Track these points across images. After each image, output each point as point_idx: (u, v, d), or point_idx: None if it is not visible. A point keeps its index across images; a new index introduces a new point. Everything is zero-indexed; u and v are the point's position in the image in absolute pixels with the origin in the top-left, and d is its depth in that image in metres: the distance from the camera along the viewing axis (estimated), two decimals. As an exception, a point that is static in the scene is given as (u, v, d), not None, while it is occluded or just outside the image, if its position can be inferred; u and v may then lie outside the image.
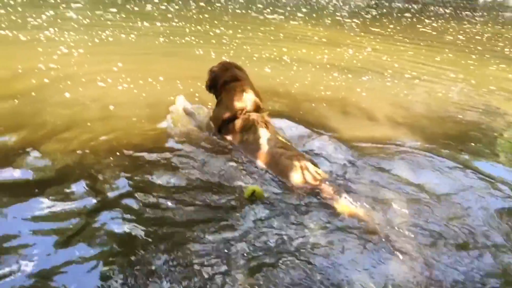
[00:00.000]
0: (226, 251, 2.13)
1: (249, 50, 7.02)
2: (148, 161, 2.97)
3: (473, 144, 4.07)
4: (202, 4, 12.76)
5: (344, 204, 2.54)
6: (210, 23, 9.40)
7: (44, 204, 2.40)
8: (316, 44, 8.55)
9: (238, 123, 3.17)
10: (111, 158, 2.96)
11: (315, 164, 2.89)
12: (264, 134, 3.04)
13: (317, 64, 6.68)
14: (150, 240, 2.18)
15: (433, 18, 16.77)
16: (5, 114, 3.56)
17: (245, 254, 2.12)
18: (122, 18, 8.84)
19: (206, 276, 1.97)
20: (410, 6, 21.34)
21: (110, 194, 2.56)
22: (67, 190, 2.55)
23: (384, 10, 18.56)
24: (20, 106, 3.78)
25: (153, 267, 2.00)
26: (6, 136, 3.16)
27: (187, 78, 4.82)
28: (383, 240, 2.32)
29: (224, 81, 3.37)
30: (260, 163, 2.96)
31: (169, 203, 2.50)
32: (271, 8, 13.75)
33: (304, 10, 14.69)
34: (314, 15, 14.01)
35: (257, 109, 3.25)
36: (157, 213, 2.43)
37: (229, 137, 3.26)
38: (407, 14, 17.35)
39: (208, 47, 6.83)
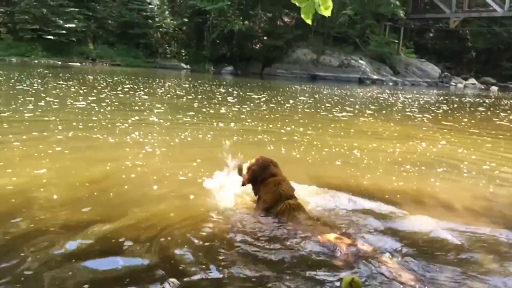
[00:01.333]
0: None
1: (319, 145, 7.20)
2: (224, 246, 3.09)
3: None
4: (272, 105, 13.44)
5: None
6: (281, 121, 9.84)
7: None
8: (387, 139, 8.59)
9: (276, 209, 3.66)
10: (185, 245, 3.09)
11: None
12: (298, 216, 3.53)
13: (388, 157, 6.67)
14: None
15: (508, 111, 16.36)
16: (94, 204, 3.86)
17: None
18: (199, 120, 9.50)
19: None
20: (481, 100, 21.03)
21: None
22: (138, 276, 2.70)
23: (455, 105, 18.41)
24: (108, 197, 4.10)
25: None
26: (92, 224, 3.40)
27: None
28: None
29: (262, 178, 3.86)
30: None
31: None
32: (339, 107, 14.16)
33: (372, 107, 14.97)
34: (383, 111, 14.20)
35: (290, 197, 3.74)
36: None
37: None
38: (480, 108, 17.09)
39: (279, 144, 7.11)
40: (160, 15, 38.98)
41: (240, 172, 4.14)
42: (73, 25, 34.27)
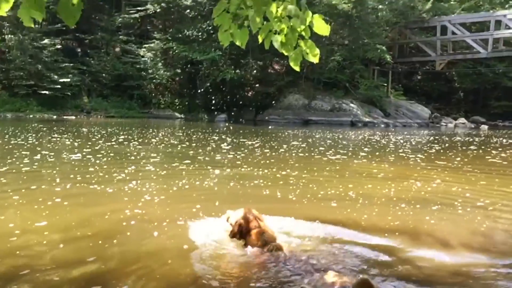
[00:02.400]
0: None
1: (315, 188, 7.28)
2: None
3: None
4: (266, 150, 13.58)
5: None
6: (276, 166, 9.94)
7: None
8: (382, 179, 8.69)
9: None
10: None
11: None
12: (281, 254, 3.93)
13: (383, 197, 6.75)
14: None
15: (500, 149, 16.59)
16: (92, 250, 3.96)
17: None
18: (195, 167, 9.58)
19: None
20: (472, 139, 21.34)
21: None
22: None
23: (447, 145, 18.66)
24: (107, 242, 4.19)
25: None
26: (87, 266, 3.56)
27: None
28: None
29: (248, 229, 4.24)
30: None
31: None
32: (333, 150, 14.33)
33: (365, 149, 15.14)
34: (377, 153, 14.36)
35: (272, 240, 4.15)
36: None
37: None
38: (472, 147, 17.33)
39: (275, 188, 7.19)
40: (153, 67, 39.72)
41: (228, 219, 4.46)
42: (68, 80, 34.81)
